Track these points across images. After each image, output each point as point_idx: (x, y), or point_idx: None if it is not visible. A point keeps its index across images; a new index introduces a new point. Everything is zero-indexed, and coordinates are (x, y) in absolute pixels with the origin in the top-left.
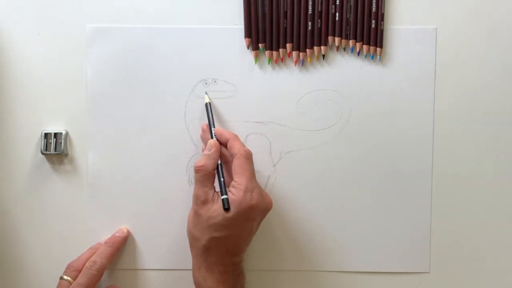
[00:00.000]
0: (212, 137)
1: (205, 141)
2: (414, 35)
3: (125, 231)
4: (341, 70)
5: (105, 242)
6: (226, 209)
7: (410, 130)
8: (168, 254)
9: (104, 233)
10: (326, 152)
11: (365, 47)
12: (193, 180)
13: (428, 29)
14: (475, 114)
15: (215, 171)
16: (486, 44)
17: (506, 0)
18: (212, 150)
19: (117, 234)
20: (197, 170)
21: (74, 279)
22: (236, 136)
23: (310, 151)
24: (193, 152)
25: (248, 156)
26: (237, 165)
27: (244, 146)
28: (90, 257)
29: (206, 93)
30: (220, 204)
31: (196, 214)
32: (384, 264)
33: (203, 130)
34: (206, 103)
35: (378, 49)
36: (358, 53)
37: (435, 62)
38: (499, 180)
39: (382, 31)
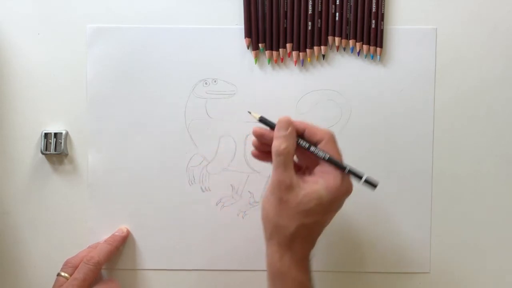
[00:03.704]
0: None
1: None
2: (414, 35)
3: (125, 230)
4: (341, 70)
5: (105, 241)
6: (375, 185)
7: (410, 130)
8: (168, 254)
9: (104, 233)
10: None
11: (365, 47)
12: (193, 180)
13: (428, 29)
14: (475, 114)
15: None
16: (486, 44)
17: (506, 0)
18: (289, 130)
19: (117, 233)
20: (280, 153)
21: (71, 275)
22: (310, 124)
23: None
24: (193, 152)
25: (335, 138)
26: (329, 149)
27: (322, 130)
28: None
29: (250, 112)
30: (314, 188)
31: (281, 201)
32: (384, 264)
33: (258, 135)
34: (260, 118)
35: (378, 49)
36: (358, 53)
37: (435, 62)
38: (499, 180)
39: (382, 31)
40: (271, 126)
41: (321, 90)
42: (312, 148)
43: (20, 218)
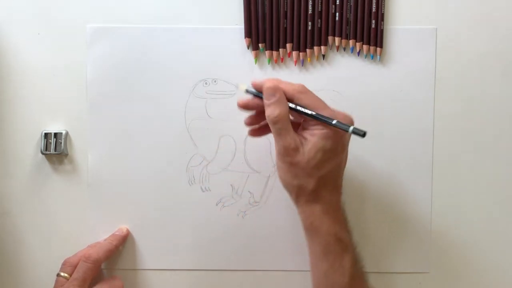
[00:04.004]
0: (258, 96)
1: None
2: (414, 35)
3: (125, 230)
4: (341, 70)
5: (105, 240)
6: (363, 134)
7: (410, 130)
8: (168, 254)
9: (103, 233)
10: None
11: (365, 47)
12: (193, 180)
13: (428, 29)
14: (475, 114)
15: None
16: (486, 44)
17: (506, 0)
18: (277, 96)
19: (116, 233)
20: (275, 121)
21: (71, 275)
22: (276, 80)
23: None
24: (193, 152)
25: (305, 89)
26: (305, 104)
27: (291, 83)
28: None
29: (237, 86)
30: (313, 141)
31: (292, 165)
32: (384, 264)
33: (243, 105)
34: (246, 89)
35: (378, 49)
36: (358, 53)
37: (435, 62)
38: (499, 180)
39: (382, 31)
40: (258, 95)
41: (321, 90)
42: (299, 108)
43: (20, 218)
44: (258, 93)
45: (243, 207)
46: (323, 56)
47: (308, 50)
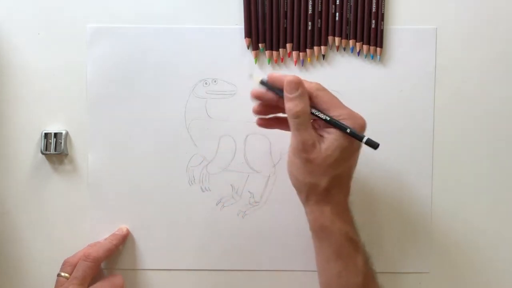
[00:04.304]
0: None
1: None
2: (414, 35)
3: (125, 230)
4: (341, 70)
5: (105, 239)
6: (376, 146)
7: (410, 130)
8: (168, 254)
9: (104, 233)
10: None
11: (365, 47)
12: (193, 180)
13: (428, 29)
14: (475, 114)
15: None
16: (486, 44)
17: (506, 0)
18: (301, 90)
19: (116, 233)
20: (297, 115)
21: (71, 274)
22: (296, 76)
23: None
24: (193, 152)
25: (322, 86)
26: (322, 101)
27: (308, 81)
28: None
29: (251, 75)
30: (331, 138)
31: (307, 161)
32: (384, 264)
33: (257, 95)
34: (261, 80)
35: (378, 49)
36: (358, 53)
37: (435, 62)
38: (499, 180)
39: (382, 31)
40: (274, 89)
41: None
42: (316, 113)
43: (20, 218)
44: (272, 87)
45: (243, 207)
46: (323, 56)
47: (308, 50)
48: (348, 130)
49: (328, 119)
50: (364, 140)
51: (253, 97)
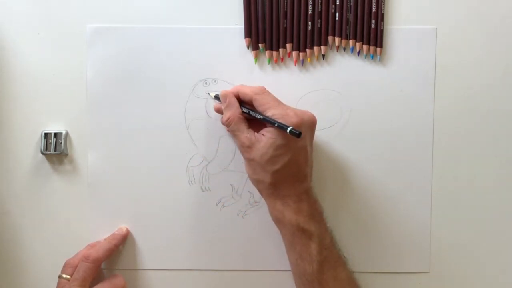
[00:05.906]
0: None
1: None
2: (414, 35)
3: (125, 230)
4: (341, 70)
5: (104, 239)
6: (298, 135)
7: (410, 130)
8: (168, 254)
9: (104, 233)
10: (326, 152)
11: (365, 47)
12: (193, 180)
13: (428, 29)
14: (475, 114)
15: (243, 115)
16: (486, 44)
17: (506, 0)
18: (227, 100)
19: (116, 233)
20: (227, 123)
21: (72, 276)
22: (240, 85)
23: None
24: (193, 152)
25: (263, 90)
26: (259, 104)
27: (252, 87)
28: None
29: (208, 93)
30: (265, 138)
31: (249, 161)
32: (384, 264)
33: (217, 109)
34: (215, 95)
35: (378, 49)
36: (358, 53)
37: (435, 62)
38: (499, 180)
39: (382, 31)
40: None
41: (321, 90)
42: (248, 111)
43: (20, 218)
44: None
45: (243, 207)
46: (323, 56)
47: (308, 50)
48: (276, 124)
49: (262, 118)
50: (288, 130)
51: (215, 111)
